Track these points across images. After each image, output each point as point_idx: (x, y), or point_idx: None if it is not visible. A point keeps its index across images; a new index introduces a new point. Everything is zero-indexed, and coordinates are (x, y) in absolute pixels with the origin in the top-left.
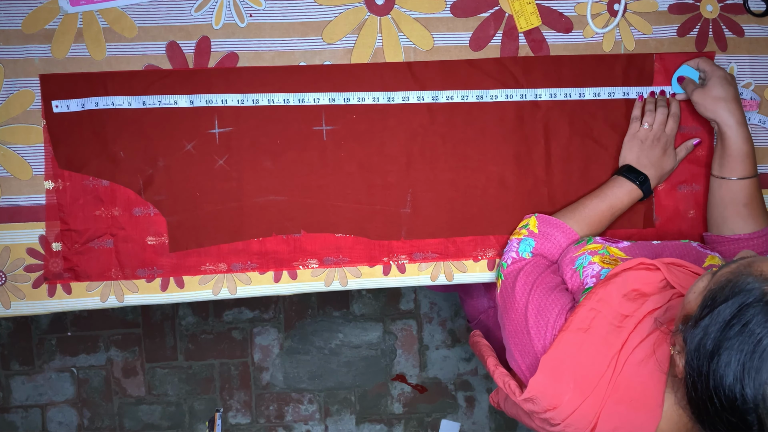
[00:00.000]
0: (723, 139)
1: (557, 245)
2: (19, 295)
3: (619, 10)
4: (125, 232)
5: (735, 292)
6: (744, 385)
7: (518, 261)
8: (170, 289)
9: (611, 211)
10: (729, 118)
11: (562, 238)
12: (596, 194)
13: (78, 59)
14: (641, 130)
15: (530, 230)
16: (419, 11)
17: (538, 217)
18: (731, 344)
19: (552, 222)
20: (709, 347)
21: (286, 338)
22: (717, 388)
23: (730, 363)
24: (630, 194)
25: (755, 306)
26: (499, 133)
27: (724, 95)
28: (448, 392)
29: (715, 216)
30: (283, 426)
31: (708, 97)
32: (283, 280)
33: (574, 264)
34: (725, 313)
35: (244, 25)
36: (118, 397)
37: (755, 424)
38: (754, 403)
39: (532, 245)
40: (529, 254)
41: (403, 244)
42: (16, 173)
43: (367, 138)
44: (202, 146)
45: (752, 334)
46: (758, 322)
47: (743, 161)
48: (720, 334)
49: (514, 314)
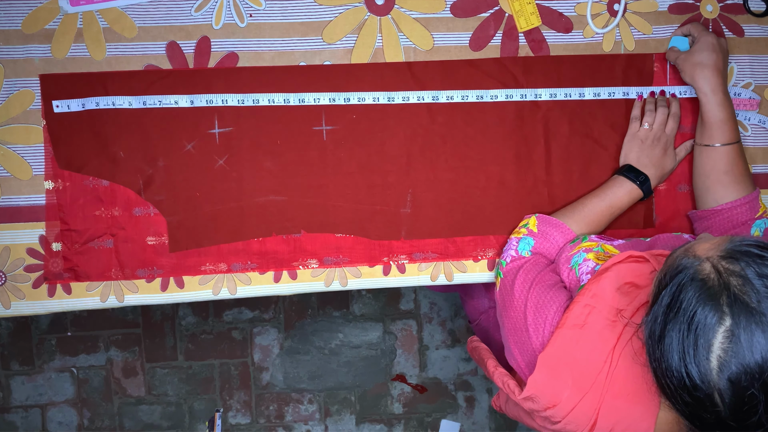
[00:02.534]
0: (700, 105)
1: (555, 244)
2: (19, 295)
3: (619, 10)
4: (125, 232)
5: (673, 275)
6: (686, 364)
7: (517, 259)
8: (170, 289)
9: (611, 210)
10: (704, 84)
11: (560, 238)
12: (596, 194)
13: (78, 59)
14: (641, 130)
15: (530, 229)
16: (419, 11)
17: (538, 217)
18: (672, 326)
19: (551, 222)
20: (657, 332)
21: (286, 338)
22: (667, 371)
23: (672, 344)
24: (630, 194)
25: (689, 285)
26: (499, 133)
27: (704, 61)
28: (448, 392)
29: (699, 187)
30: (283, 426)
31: (688, 62)
32: (283, 280)
33: (570, 262)
34: (666, 297)
35: (244, 25)
36: (118, 397)
37: (708, 402)
38: (700, 380)
39: (531, 244)
40: (528, 253)
41: (403, 244)
42: (16, 173)
43: (367, 138)
44: (202, 146)
45: (686, 312)
46: (690, 298)
47: (720, 128)
48: (663, 317)
49: (513, 312)
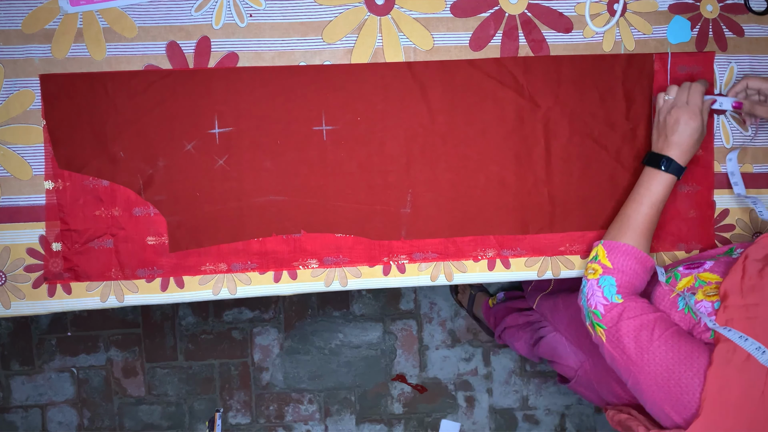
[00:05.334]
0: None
1: (636, 275)
2: (19, 295)
3: (618, 10)
4: (125, 232)
5: None
6: None
7: (611, 308)
8: (170, 289)
9: (657, 209)
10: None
11: (638, 266)
12: (634, 198)
13: (78, 59)
14: (660, 102)
15: (603, 265)
16: (419, 11)
17: (605, 246)
18: None
19: (620, 249)
20: None
21: (286, 338)
22: None
23: None
24: (663, 183)
25: None
26: (499, 133)
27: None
28: (448, 392)
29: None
30: (283, 426)
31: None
32: (283, 280)
33: (678, 306)
34: None
35: (244, 25)
36: (118, 397)
37: None
38: None
39: (614, 284)
40: (619, 297)
41: (403, 244)
42: (16, 173)
43: (367, 138)
44: (202, 146)
45: None
46: None
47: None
48: None
49: (643, 371)
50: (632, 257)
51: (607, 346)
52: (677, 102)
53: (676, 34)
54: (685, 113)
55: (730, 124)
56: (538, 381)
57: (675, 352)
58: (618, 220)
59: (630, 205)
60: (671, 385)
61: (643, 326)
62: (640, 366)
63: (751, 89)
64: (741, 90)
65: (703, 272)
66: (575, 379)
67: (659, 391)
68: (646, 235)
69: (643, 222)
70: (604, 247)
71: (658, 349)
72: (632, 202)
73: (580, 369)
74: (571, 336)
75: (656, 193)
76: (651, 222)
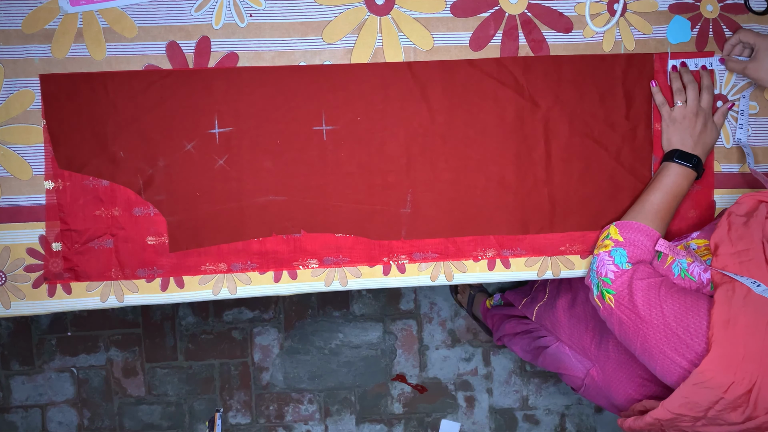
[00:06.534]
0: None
1: (645, 249)
2: (19, 295)
3: (618, 10)
4: (125, 232)
5: None
6: None
7: (621, 274)
8: (170, 289)
9: (676, 199)
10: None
11: (647, 241)
12: (656, 187)
13: (78, 59)
14: (676, 109)
15: (614, 239)
16: (419, 11)
17: (618, 225)
18: None
19: (632, 226)
20: None
21: (286, 338)
22: None
23: None
24: (688, 178)
25: None
26: (499, 133)
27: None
28: (448, 392)
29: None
30: (283, 426)
31: (762, 71)
32: (283, 280)
33: (674, 273)
34: None
35: (244, 25)
36: (118, 397)
37: None
38: None
39: (625, 254)
40: (628, 264)
41: (403, 244)
42: (16, 173)
43: (367, 138)
44: (202, 146)
45: None
46: None
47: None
48: None
49: (652, 326)
50: (644, 234)
51: (616, 311)
52: (703, 106)
53: (676, 34)
54: (710, 119)
55: (730, 124)
56: (538, 381)
57: (681, 303)
58: (638, 206)
59: (652, 194)
60: (680, 332)
61: (651, 286)
62: (648, 321)
63: (744, 42)
64: (736, 43)
65: (691, 240)
66: (583, 388)
67: (668, 342)
68: (664, 221)
69: (663, 209)
70: (617, 225)
71: (665, 302)
72: (655, 191)
73: (587, 377)
74: (573, 343)
75: (680, 186)
76: (670, 210)
